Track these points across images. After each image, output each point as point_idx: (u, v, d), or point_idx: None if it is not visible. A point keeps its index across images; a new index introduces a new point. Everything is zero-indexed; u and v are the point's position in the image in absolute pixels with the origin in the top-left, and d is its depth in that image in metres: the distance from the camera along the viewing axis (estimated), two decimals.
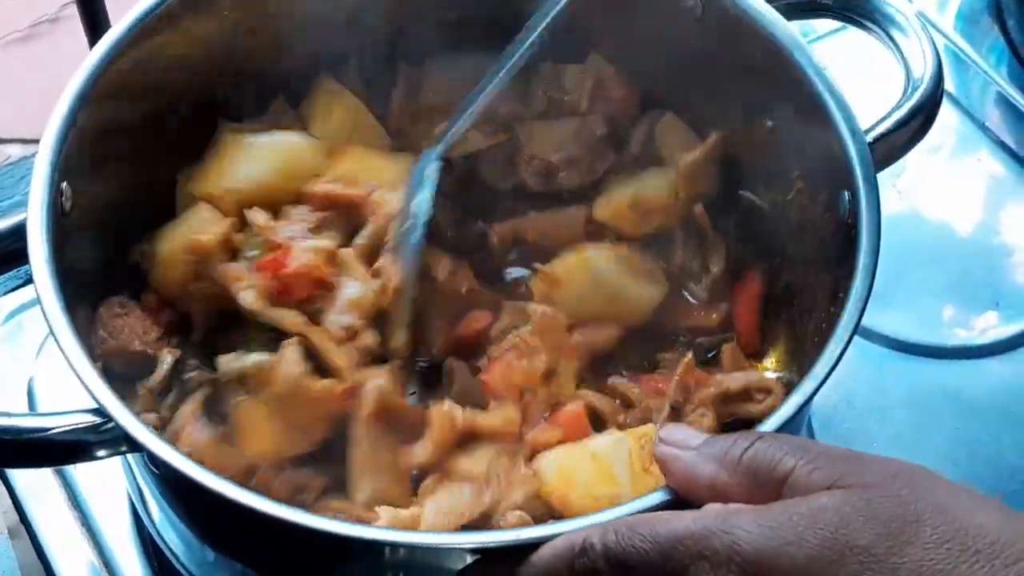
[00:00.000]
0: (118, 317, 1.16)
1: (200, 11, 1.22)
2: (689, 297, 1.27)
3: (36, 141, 1.09)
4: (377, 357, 1.15)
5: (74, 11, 1.60)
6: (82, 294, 1.13)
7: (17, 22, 2.44)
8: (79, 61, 1.14)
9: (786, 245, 1.23)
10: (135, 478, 1.17)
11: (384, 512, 1.05)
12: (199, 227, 1.19)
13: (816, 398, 1.00)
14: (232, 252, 1.19)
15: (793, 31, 1.18)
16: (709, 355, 1.23)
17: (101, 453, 0.98)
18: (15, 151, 2.18)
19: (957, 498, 0.79)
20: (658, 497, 0.90)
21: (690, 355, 1.16)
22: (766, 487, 0.82)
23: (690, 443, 0.87)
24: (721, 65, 1.25)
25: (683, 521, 0.82)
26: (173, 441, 1.07)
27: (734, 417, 1.13)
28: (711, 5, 1.22)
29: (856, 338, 1.01)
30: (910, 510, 0.77)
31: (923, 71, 1.18)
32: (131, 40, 1.16)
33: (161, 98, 1.23)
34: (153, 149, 1.23)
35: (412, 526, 1.05)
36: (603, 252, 1.25)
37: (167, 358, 1.15)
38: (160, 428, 1.11)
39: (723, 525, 0.79)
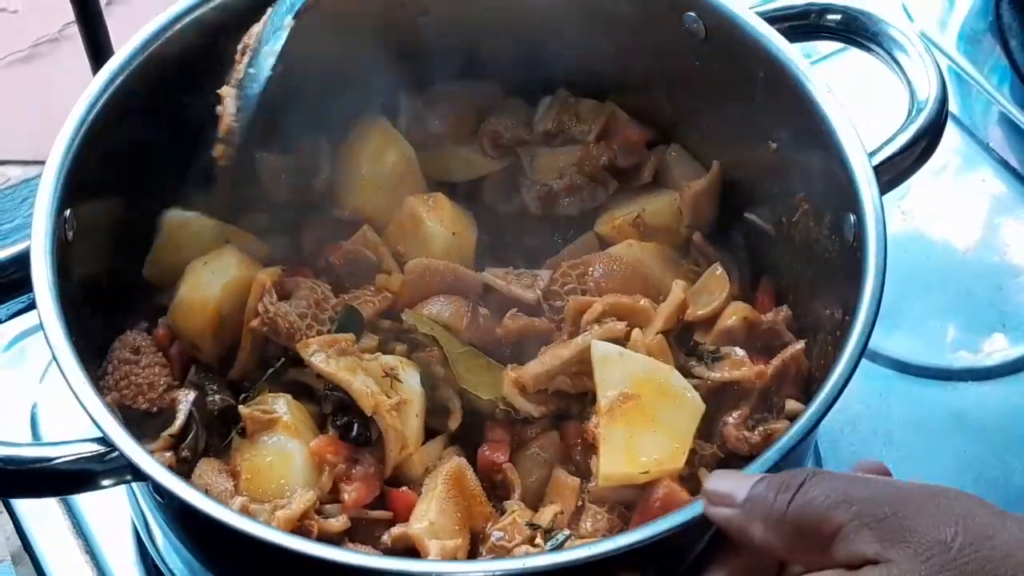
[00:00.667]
0: (128, 364, 1.15)
1: (204, 35, 1.22)
2: None
3: (36, 163, 1.09)
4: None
5: (76, 31, 1.59)
6: (86, 321, 1.12)
7: (19, 43, 2.43)
8: (80, 82, 1.13)
9: (791, 267, 1.23)
10: (139, 505, 1.17)
11: (434, 545, 1.05)
12: (222, 271, 1.19)
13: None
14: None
15: (796, 53, 1.18)
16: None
17: (106, 483, 0.98)
18: (15, 173, 2.16)
19: (1014, 559, 0.76)
20: (694, 511, 0.90)
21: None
22: (815, 544, 0.81)
23: (736, 497, 0.86)
24: (725, 89, 1.25)
25: None
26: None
27: None
28: (715, 28, 1.22)
29: (861, 360, 1.01)
30: None
31: (927, 93, 1.18)
32: (134, 67, 1.16)
33: (164, 123, 1.23)
34: (155, 175, 1.23)
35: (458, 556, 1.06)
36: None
37: (182, 406, 1.14)
38: (176, 466, 1.10)
39: None
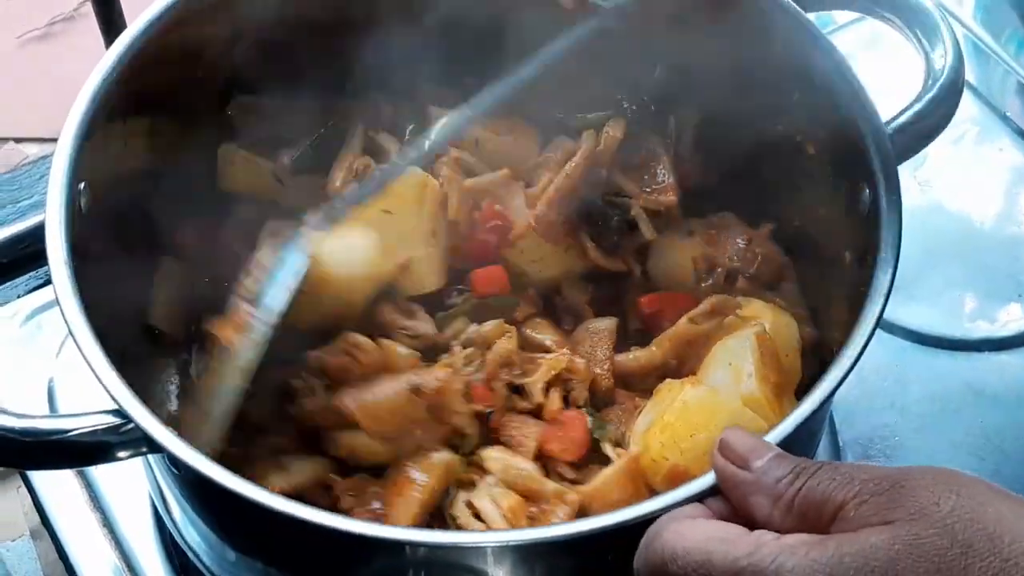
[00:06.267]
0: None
1: (217, 10, 1.22)
2: None
3: (53, 140, 1.09)
4: None
5: (90, 9, 1.60)
6: (100, 292, 1.13)
7: (34, 21, 2.44)
8: (95, 60, 1.14)
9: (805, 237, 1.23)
10: (156, 478, 1.18)
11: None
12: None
13: (837, 392, 0.99)
14: None
15: (812, 22, 1.17)
16: None
17: (122, 454, 0.98)
18: (32, 150, 2.17)
19: (1005, 522, 0.76)
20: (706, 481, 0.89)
21: None
22: (816, 525, 0.81)
23: (751, 463, 0.85)
24: (740, 57, 1.24)
25: (736, 553, 0.79)
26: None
27: None
28: None
29: (877, 331, 1.00)
30: (958, 540, 0.75)
31: (944, 62, 1.17)
32: (147, 40, 1.16)
33: (176, 95, 1.23)
34: (168, 146, 1.23)
35: None
36: None
37: None
38: None
39: (775, 566, 0.78)
